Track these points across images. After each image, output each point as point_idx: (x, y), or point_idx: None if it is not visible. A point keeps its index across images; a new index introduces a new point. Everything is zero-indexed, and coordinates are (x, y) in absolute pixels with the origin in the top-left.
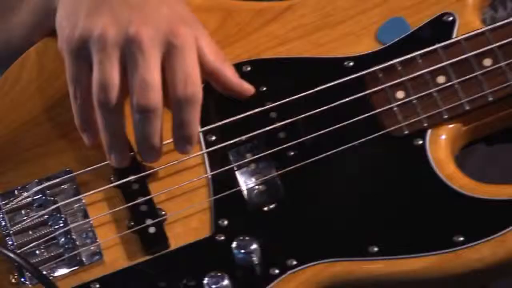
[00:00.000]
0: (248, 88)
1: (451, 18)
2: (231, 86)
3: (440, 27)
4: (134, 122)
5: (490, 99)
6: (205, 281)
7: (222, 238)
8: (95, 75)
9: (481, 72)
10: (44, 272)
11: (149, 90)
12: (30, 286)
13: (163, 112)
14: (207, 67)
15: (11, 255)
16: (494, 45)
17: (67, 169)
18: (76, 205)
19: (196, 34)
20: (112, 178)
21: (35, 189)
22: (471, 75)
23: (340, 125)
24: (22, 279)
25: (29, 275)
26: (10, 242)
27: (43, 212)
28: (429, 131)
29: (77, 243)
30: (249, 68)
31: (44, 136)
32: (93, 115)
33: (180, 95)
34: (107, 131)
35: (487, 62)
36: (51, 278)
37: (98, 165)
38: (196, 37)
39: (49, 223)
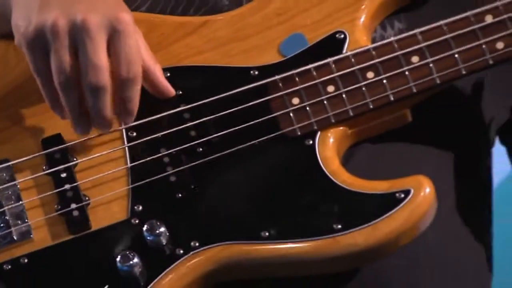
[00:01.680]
0: (171, 90)
1: (342, 36)
2: (158, 86)
3: (333, 43)
4: (87, 99)
5: (371, 106)
6: (118, 258)
7: (137, 221)
8: (53, 62)
9: (364, 83)
10: None
11: (97, 71)
12: None
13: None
14: (142, 64)
15: None
16: (376, 60)
17: (5, 158)
18: (11, 190)
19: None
20: (44, 167)
21: None
22: (356, 86)
23: (244, 126)
24: None
25: None
26: None
27: None
28: (318, 133)
29: (10, 222)
30: (168, 74)
31: (11, 120)
32: (57, 94)
33: (124, 76)
34: (68, 107)
35: (370, 74)
36: None
37: (32, 155)
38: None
39: None
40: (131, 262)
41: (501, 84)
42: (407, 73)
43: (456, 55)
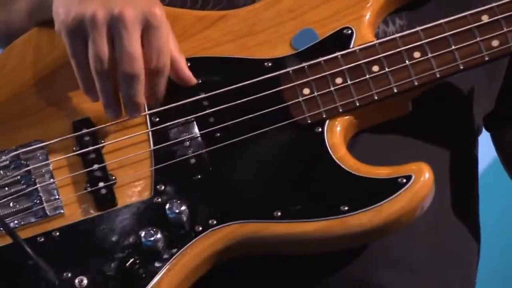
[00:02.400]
0: (193, 79)
1: (350, 32)
2: (182, 75)
3: (341, 38)
4: (121, 86)
5: (376, 98)
6: (142, 234)
7: (159, 200)
8: (90, 50)
9: (370, 76)
10: (16, 221)
11: (132, 59)
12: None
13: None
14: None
15: None
16: (381, 55)
17: (39, 140)
18: (44, 169)
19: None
20: (74, 148)
21: (12, 154)
22: (362, 78)
23: (258, 113)
24: None
25: None
26: None
27: (17, 172)
28: (327, 121)
29: (43, 199)
30: (189, 64)
31: (22, 112)
32: (92, 80)
33: (154, 65)
34: (103, 92)
35: (375, 68)
36: (20, 225)
37: (64, 137)
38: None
39: (22, 182)
40: (154, 238)
41: (487, 78)
42: (409, 67)
43: (455, 52)
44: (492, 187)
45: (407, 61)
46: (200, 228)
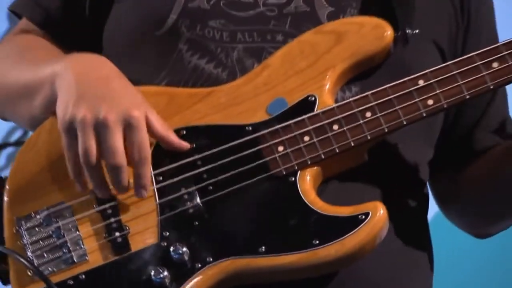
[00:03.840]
0: (185, 144)
1: (313, 98)
2: (174, 145)
3: (306, 104)
4: (109, 174)
5: (337, 151)
6: (152, 272)
7: (165, 244)
8: (80, 146)
9: (332, 133)
10: (49, 269)
11: (114, 153)
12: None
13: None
14: (156, 134)
15: (21, 259)
16: (340, 116)
17: (67, 202)
18: (71, 224)
19: (146, 111)
20: (94, 205)
21: (44, 214)
22: (325, 136)
23: (243, 168)
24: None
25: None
26: (28, 252)
27: (49, 228)
28: (299, 172)
29: (71, 249)
30: (184, 132)
31: (51, 179)
32: (82, 170)
33: (136, 158)
34: (92, 179)
35: (335, 127)
36: (53, 272)
37: (85, 197)
38: (146, 114)
39: (53, 236)
40: (161, 275)
41: (425, 128)
42: (363, 125)
43: (399, 111)
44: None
45: (361, 120)
46: (199, 265)
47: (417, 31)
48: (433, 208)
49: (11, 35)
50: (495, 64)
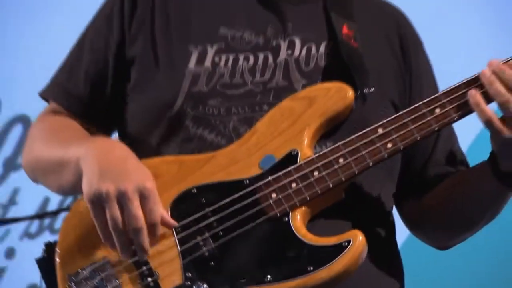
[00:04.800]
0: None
1: (296, 152)
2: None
3: (291, 157)
4: (132, 238)
5: (319, 192)
6: None
7: (189, 283)
8: (108, 216)
9: (313, 179)
10: None
11: (135, 219)
12: None
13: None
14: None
15: None
16: (318, 164)
17: (106, 258)
18: (111, 275)
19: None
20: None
21: (89, 269)
22: (308, 181)
23: (245, 215)
24: None
25: None
26: None
27: (94, 280)
28: (290, 213)
29: None
30: (195, 190)
31: (92, 241)
32: (111, 234)
33: (151, 221)
34: (118, 243)
35: (316, 173)
36: None
37: (116, 256)
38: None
39: (98, 286)
40: None
41: (388, 168)
42: (338, 169)
43: (365, 155)
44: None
45: (335, 166)
46: None
47: (372, 89)
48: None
49: (42, 115)
50: (437, 110)
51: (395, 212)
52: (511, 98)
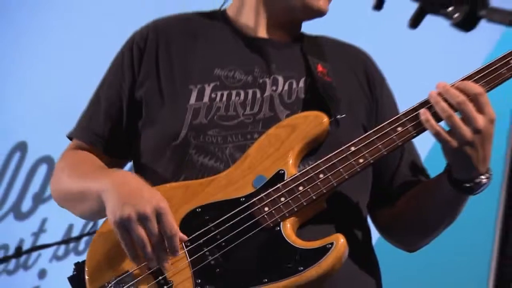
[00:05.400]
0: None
1: (283, 171)
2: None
3: (279, 176)
4: (155, 249)
5: (305, 204)
6: None
7: (197, 287)
8: (134, 238)
9: (299, 192)
10: None
11: (157, 235)
12: None
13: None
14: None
15: None
16: (302, 179)
17: (128, 271)
18: (132, 286)
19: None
20: (146, 270)
21: (113, 282)
22: (295, 194)
23: (243, 227)
24: None
25: None
26: None
27: None
28: (281, 223)
29: None
30: (200, 209)
31: (115, 257)
32: (135, 252)
33: (170, 234)
34: (147, 257)
35: (301, 187)
36: None
37: (142, 264)
38: None
39: None
40: None
41: (361, 181)
42: (319, 183)
43: (341, 169)
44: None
45: (317, 180)
46: None
47: (344, 115)
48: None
49: (66, 152)
50: (399, 128)
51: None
52: (453, 113)
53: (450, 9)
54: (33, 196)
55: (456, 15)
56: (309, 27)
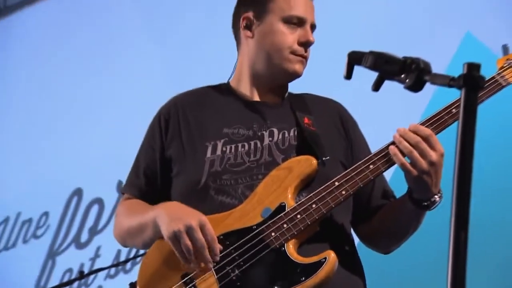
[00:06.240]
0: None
1: (284, 204)
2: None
3: (281, 207)
4: (198, 255)
5: (302, 228)
6: None
7: None
8: (182, 245)
9: (297, 220)
10: None
11: (201, 242)
12: None
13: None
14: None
15: None
16: (299, 210)
17: (167, 285)
18: None
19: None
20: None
21: None
22: (294, 222)
23: (255, 249)
24: None
25: None
26: None
27: None
28: (285, 244)
29: None
30: (222, 237)
31: (160, 276)
32: (186, 258)
33: (211, 239)
34: (194, 262)
35: (298, 216)
36: None
37: (177, 284)
38: None
39: None
40: None
41: (346, 206)
42: (312, 211)
43: (329, 200)
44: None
45: (310, 209)
46: None
47: (328, 157)
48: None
49: (121, 201)
50: (371, 166)
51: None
52: (413, 150)
53: (402, 76)
54: (88, 230)
55: (407, 80)
56: (296, 86)
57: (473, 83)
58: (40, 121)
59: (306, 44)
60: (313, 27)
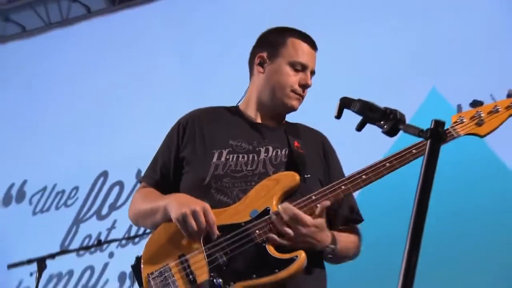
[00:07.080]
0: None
1: (269, 208)
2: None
3: (266, 211)
4: (199, 231)
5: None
6: None
7: (211, 278)
8: (188, 225)
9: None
10: None
11: (203, 223)
12: None
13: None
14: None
15: None
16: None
17: (167, 264)
18: (170, 274)
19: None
20: (179, 264)
21: (157, 271)
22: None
23: (242, 242)
24: None
25: None
26: None
27: (161, 277)
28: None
29: (171, 285)
30: (218, 229)
31: (161, 253)
32: (191, 235)
33: (211, 221)
34: (196, 237)
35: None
36: None
37: (175, 261)
38: None
39: (163, 280)
40: None
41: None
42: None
43: (305, 210)
44: None
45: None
46: (227, 286)
47: (309, 175)
48: None
49: (138, 189)
50: (342, 186)
51: None
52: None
53: (382, 122)
54: (109, 205)
55: (385, 126)
56: (295, 116)
57: (437, 137)
58: (85, 117)
59: (305, 86)
60: (312, 73)
